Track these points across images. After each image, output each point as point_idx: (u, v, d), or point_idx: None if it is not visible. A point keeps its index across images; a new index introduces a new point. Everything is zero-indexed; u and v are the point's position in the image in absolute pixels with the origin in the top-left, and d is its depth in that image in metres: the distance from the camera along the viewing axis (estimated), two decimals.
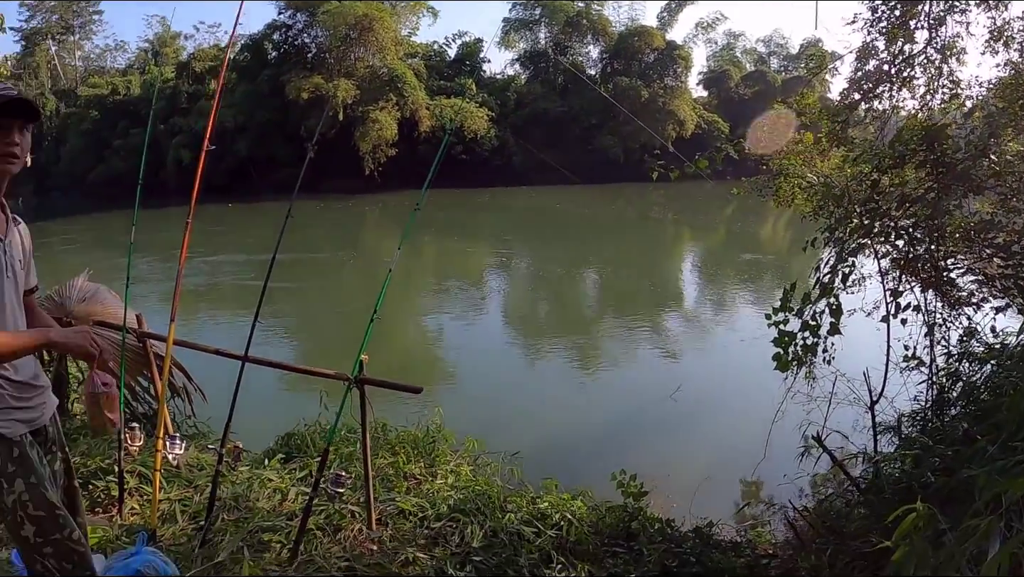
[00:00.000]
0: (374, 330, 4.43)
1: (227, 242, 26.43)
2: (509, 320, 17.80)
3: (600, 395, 11.48)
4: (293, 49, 55.36)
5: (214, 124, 5.40)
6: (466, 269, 23.94)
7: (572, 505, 5.37)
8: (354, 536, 4.85)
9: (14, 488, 2.82)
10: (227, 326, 15.53)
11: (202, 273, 21.12)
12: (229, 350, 5.28)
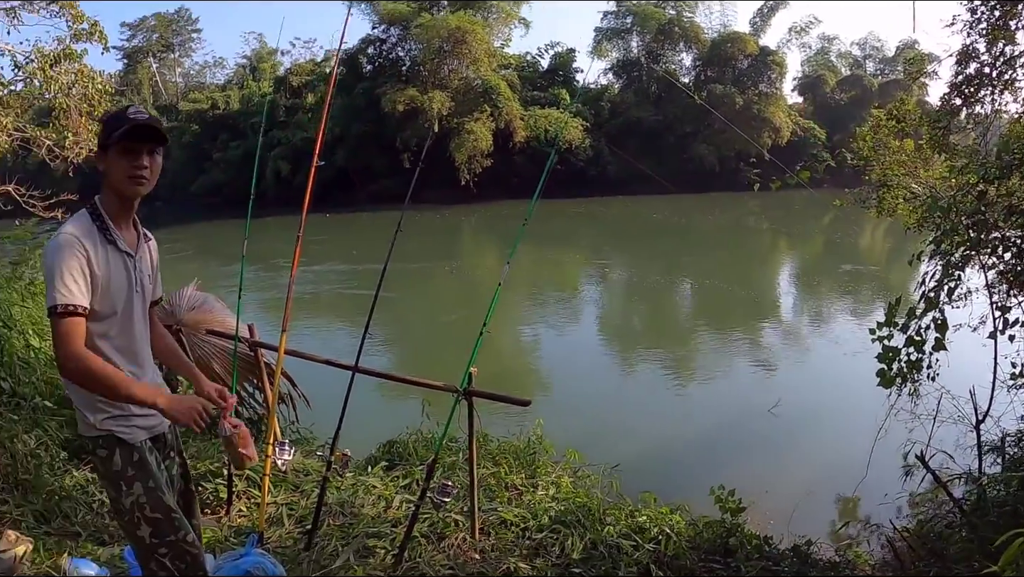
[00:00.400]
0: (468, 338, 4.50)
1: (326, 252, 26.88)
2: (604, 330, 17.75)
3: (697, 407, 11.37)
4: (388, 62, 56.00)
5: (322, 141, 5.58)
6: (562, 279, 23.94)
7: (670, 519, 5.34)
8: (458, 544, 4.94)
9: (133, 490, 2.98)
10: (327, 334, 15.82)
11: (303, 282, 21.28)
12: (340, 361, 5.43)
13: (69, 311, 2.71)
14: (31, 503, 5.06)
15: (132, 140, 2.91)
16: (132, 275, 3.01)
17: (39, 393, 6.26)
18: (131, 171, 2.93)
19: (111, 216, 2.97)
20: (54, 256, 2.76)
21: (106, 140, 2.92)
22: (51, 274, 2.74)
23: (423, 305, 19.81)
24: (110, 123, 2.94)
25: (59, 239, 2.79)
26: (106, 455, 2.97)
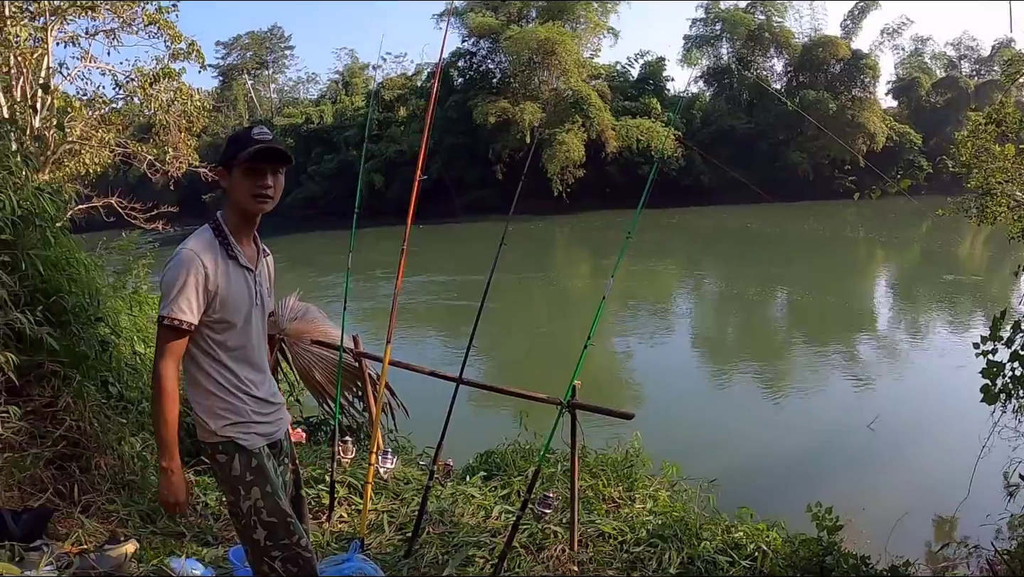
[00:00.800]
0: (569, 351, 4.44)
1: (420, 263, 27.11)
2: (698, 342, 17.51)
3: (793, 422, 11.13)
4: (478, 75, 56.56)
5: (424, 155, 5.57)
6: (655, 290, 23.72)
7: (767, 536, 5.21)
8: (556, 556, 4.88)
9: (251, 495, 3.02)
10: (422, 344, 15.98)
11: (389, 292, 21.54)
12: (444, 372, 5.42)
13: (175, 325, 2.82)
14: (137, 503, 5.15)
15: (257, 161, 2.96)
16: (252, 289, 3.09)
17: (145, 398, 6.38)
18: (256, 190, 3.00)
19: (233, 232, 3.04)
20: (175, 270, 2.84)
21: (231, 159, 2.97)
22: (169, 287, 2.83)
23: (518, 317, 19.83)
24: (235, 143, 2.99)
25: (181, 255, 2.87)
26: (225, 460, 3.03)
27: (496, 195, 48.63)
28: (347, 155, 59.10)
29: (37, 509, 4.34)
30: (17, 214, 5.18)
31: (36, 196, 5.59)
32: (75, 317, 5.56)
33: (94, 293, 6.07)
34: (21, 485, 4.66)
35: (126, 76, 16.97)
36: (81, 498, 4.90)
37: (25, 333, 4.89)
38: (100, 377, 5.83)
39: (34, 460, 4.80)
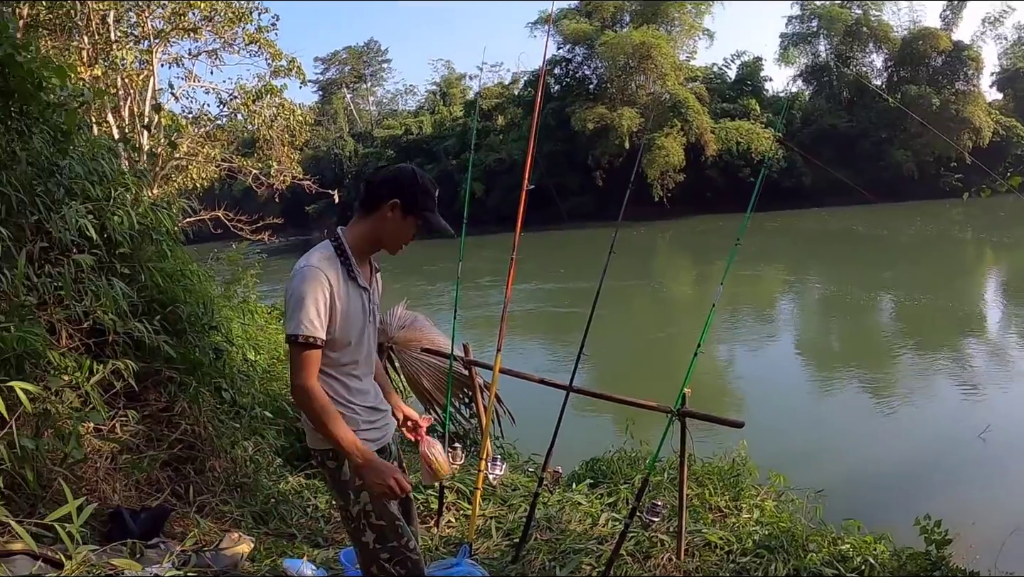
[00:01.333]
0: (675, 358, 4.43)
1: (524, 270, 27.11)
2: (802, 348, 17.12)
3: (900, 431, 10.74)
4: (575, 81, 56.48)
5: (531, 165, 5.63)
6: (758, 296, 23.30)
7: (874, 549, 5.07)
8: (663, 565, 4.84)
9: (360, 499, 3.07)
10: (527, 352, 16.01)
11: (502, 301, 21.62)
12: (554, 380, 5.46)
13: (309, 343, 2.84)
14: (250, 505, 5.32)
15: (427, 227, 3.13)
16: (367, 307, 3.13)
17: (257, 403, 6.59)
18: (407, 240, 3.17)
19: (355, 254, 3.06)
20: (302, 286, 2.86)
21: (414, 207, 3.08)
22: (296, 303, 2.85)
23: (623, 324, 19.65)
24: (425, 194, 3.12)
25: (306, 271, 2.89)
26: (335, 466, 3.08)
27: (595, 201, 48.56)
28: (447, 164, 59.71)
29: (155, 508, 4.52)
30: (135, 229, 5.42)
31: (152, 211, 5.84)
32: (190, 326, 5.78)
33: (208, 303, 6.29)
34: (139, 486, 4.86)
35: (229, 94, 17.58)
36: (196, 499, 5.09)
37: (144, 341, 5.11)
38: (214, 383, 6.03)
39: (151, 462, 5.01)
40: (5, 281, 3.98)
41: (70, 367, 4.39)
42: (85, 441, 4.55)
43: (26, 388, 3.36)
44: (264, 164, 18.08)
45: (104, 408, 4.52)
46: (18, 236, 4.30)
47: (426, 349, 6.80)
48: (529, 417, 7.91)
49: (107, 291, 4.74)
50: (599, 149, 51.14)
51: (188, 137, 16.28)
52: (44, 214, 4.48)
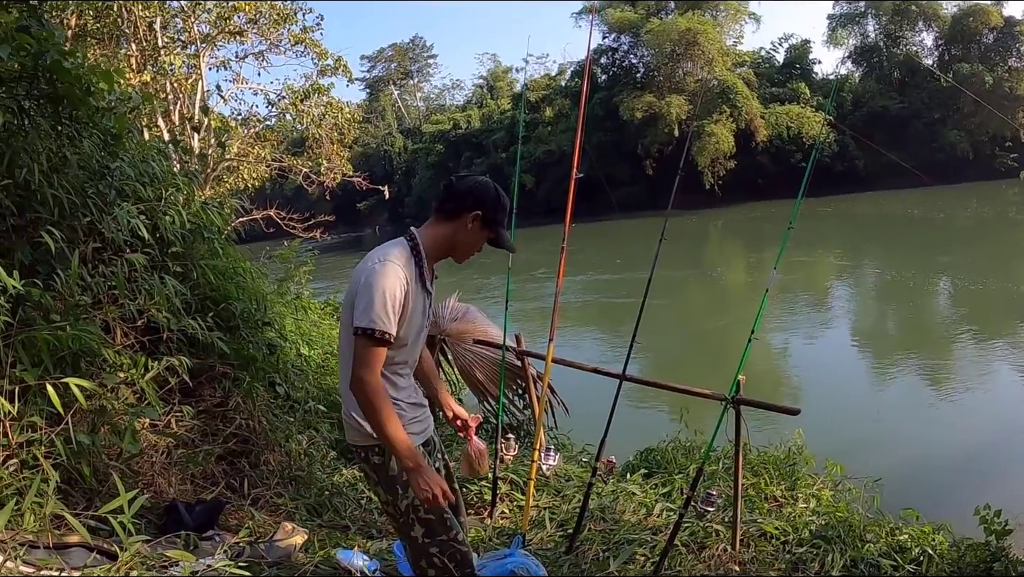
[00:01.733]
0: (727, 347, 4.38)
1: (576, 261, 26.91)
2: (857, 335, 16.79)
3: (959, 419, 10.47)
4: (621, 70, 56.18)
5: (580, 154, 5.61)
6: (810, 282, 22.93)
7: (933, 539, 4.97)
8: (718, 555, 4.80)
9: (407, 494, 3.06)
10: (579, 343, 15.97)
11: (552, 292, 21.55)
12: (607, 369, 5.43)
13: (382, 338, 2.84)
14: (304, 497, 5.37)
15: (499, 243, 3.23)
16: (426, 311, 3.17)
17: (311, 397, 6.66)
18: (477, 251, 3.26)
19: (428, 257, 3.08)
20: (380, 280, 2.88)
21: (492, 221, 3.16)
22: (372, 296, 2.85)
23: (674, 313, 19.50)
24: (504, 211, 3.22)
25: (388, 267, 2.91)
26: (381, 462, 3.09)
27: (646, 191, 48.29)
28: (496, 158, 59.85)
29: (210, 501, 4.58)
30: (187, 228, 5.50)
31: (203, 210, 5.92)
32: (243, 322, 5.85)
33: (260, 299, 6.36)
34: (195, 479, 4.93)
35: (277, 94, 17.80)
36: (251, 492, 5.14)
37: (197, 338, 5.18)
38: (268, 378, 6.11)
39: (206, 456, 5.07)
40: (59, 281, 4.05)
41: (125, 364, 4.46)
42: (141, 436, 4.62)
43: (81, 384, 3.42)
44: (314, 163, 18.26)
45: (159, 404, 4.59)
46: (71, 237, 4.37)
47: (478, 340, 6.79)
48: (583, 408, 7.87)
49: (160, 289, 4.81)
50: (648, 138, 50.82)
51: (238, 138, 16.51)
52: (96, 215, 4.55)
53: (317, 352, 8.35)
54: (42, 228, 3.98)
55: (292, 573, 3.49)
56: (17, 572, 2.68)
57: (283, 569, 3.59)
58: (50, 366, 3.75)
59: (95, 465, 3.93)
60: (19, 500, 3.08)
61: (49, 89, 4.30)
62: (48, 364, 3.75)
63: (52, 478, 3.21)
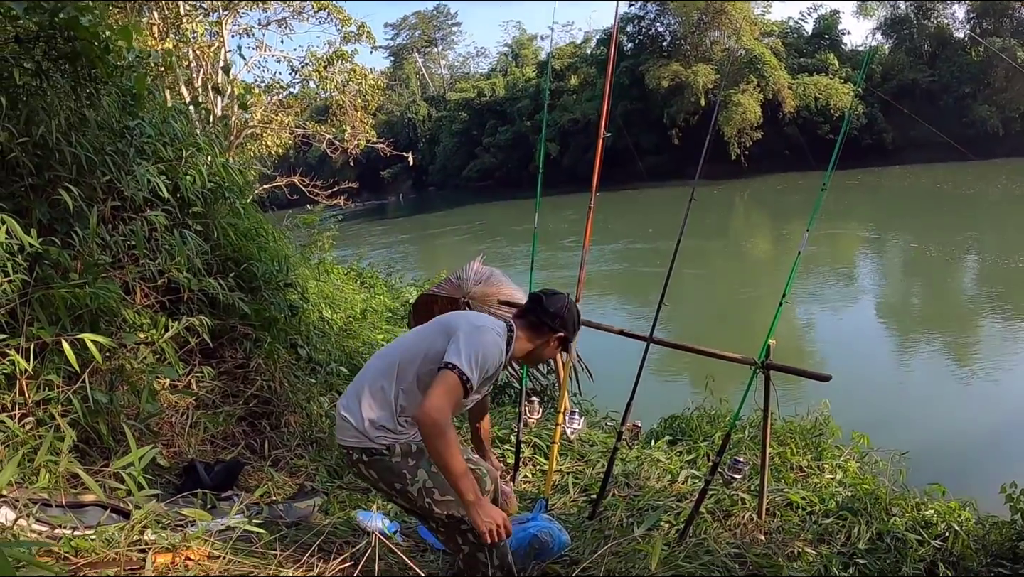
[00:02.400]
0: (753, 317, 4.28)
1: (601, 231, 26.79)
2: (883, 310, 16.58)
3: (986, 395, 10.37)
4: (647, 39, 55.55)
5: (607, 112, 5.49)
6: (836, 255, 22.67)
7: (959, 515, 4.91)
8: (743, 524, 4.75)
9: (417, 477, 3.04)
10: (604, 312, 15.87)
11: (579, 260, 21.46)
12: (633, 331, 5.35)
13: (465, 383, 2.90)
14: (324, 459, 5.34)
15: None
16: (485, 390, 3.31)
17: (333, 360, 6.63)
18: (543, 361, 3.75)
19: (513, 353, 3.31)
20: (490, 343, 3.08)
21: (568, 342, 3.45)
22: (477, 349, 2.99)
23: (702, 283, 19.37)
24: (577, 331, 3.52)
25: (499, 339, 3.15)
26: (383, 457, 3.06)
27: (672, 160, 47.98)
28: (521, 126, 59.68)
29: (229, 462, 4.54)
30: (208, 188, 5.44)
31: (224, 170, 5.86)
32: (265, 283, 5.81)
33: (283, 260, 6.32)
34: (214, 440, 4.90)
35: (301, 61, 17.71)
36: (271, 453, 5.12)
37: (218, 299, 5.14)
38: (289, 340, 6.08)
39: (227, 417, 5.04)
40: (77, 240, 4.00)
41: (145, 324, 4.43)
42: (161, 397, 4.60)
43: (97, 340, 3.38)
44: (338, 129, 18.20)
45: (179, 364, 4.56)
46: (90, 196, 4.32)
47: (503, 301, 6.72)
48: (607, 376, 7.82)
49: (181, 248, 4.76)
50: (674, 107, 50.43)
51: (261, 105, 16.45)
52: (115, 174, 4.49)
53: (340, 316, 8.32)
54: (60, 187, 3.93)
55: (311, 533, 3.45)
56: (30, 530, 2.64)
57: (301, 530, 3.54)
58: (67, 324, 3.70)
59: (113, 425, 3.89)
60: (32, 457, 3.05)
61: (67, 47, 4.23)
62: (66, 322, 3.71)
63: (68, 436, 3.17)
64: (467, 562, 3.17)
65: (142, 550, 2.59)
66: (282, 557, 2.79)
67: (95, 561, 2.48)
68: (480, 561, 3.13)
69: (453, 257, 21.50)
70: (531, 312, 3.38)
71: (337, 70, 17.65)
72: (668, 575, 3.75)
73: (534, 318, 3.35)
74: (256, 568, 2.65)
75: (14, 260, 3.47)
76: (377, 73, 20.01)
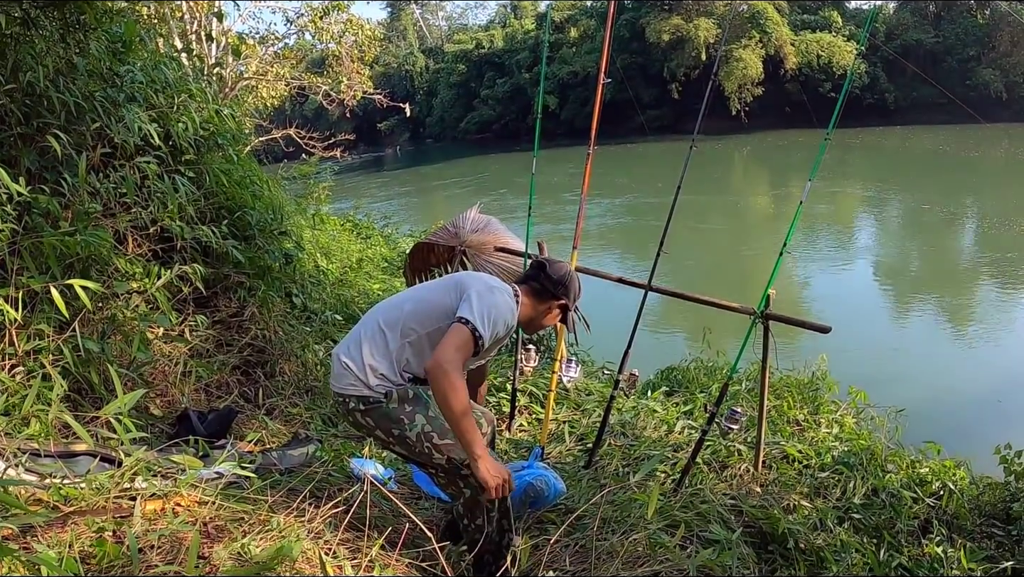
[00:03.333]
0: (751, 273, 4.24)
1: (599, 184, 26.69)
2: (881, 270, 16.54)
3: (981, 357, 10.48)
4: None
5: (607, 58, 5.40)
6: (835, 214, 22.58)
7: (953, 474, 4.97)
8: (740, 475, 4.76)
9: (415, 423, 3.00)
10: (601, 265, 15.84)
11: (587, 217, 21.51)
12: (631, 279, 5.33)
13: (477, 339, 2.88)
14: (319, 408, 5.33)
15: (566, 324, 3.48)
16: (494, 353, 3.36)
17: (328, 308, 6.61)
18: (542, 328, 3.55)
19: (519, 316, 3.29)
20: (503, 304, 3.06)
21: (568, 303, 3.42)
22: (491, 309, 2.97)
23: (698, 239, 19.30)
24: (573, 296, 3.43)
25: (511, 302, 3.14)
26: (383, 402, 3.02)
27: (672, 114, 47.89)
28: (519, 78, 59.36)
29: (222, 410, 4.52)
30: (200, 135, 5.37)
31: (217, 116, 5.78)
32: (259, 232, 5.75)
33: (277, 208, 6.27)
34: (208, 389, 4.88)
35: (296, 11, 17.50)
36: (265, 401, 5.11)
37: (212, 247, 5.10)
38: (284, 288, 6.07)
39: (221, 366, 5.02)
40: (67, 187, 3.95)
41: (137, 273, 4.39)
42: (154, 346, 4.57)
43: (87, 286, 3.32)
44: (334, 81, 18.04)
45: (172, 313, 4.52)
46: (79, 143, 4.25)
47: (500, 248, 6.67)
48: (604, 327, 7.79)
49: (173, 196, 4.70)
50: (674, 61, 50.14)
51: (256, 57, 16.29)
52: (105, 120, 4.42)
53: (335, 265, 8.29)
54: (49, 134, 3.86)
55: (303, 479, 3.44)
56: (19, 479, 2.62)
57: (294, 476, 3.53)
58: (57, 273, 3.64)
59: (105, 375, 3.86)
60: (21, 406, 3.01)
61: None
62: (56, 271, 3.65)
63: (58, 385, 3.13)
64: (468, 505, 3.16)
65: (132, 498, 2.57)
66: (273, 502, 2.77)
67: (84, 508, 2.46)
68: (481, 505, 3.12)
69: (451, 209, 21.28)
70: (534, 278, 3.36)
71: (333, 20, 17.45)
72: (664, 524, 3.73)
73: (537, 284, 3.34)
74: (246, 513, 2.63)
75: (3, 209, 3.40)
76: (374, 24, 19.82)
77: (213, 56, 13.93)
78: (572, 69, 53.72)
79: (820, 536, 4.19)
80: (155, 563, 2.19)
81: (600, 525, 3.62)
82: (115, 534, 2.28)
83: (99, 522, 2.31)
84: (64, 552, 2.08)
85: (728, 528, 3.95)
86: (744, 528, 4.05)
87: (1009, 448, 4.94)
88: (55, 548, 2.13)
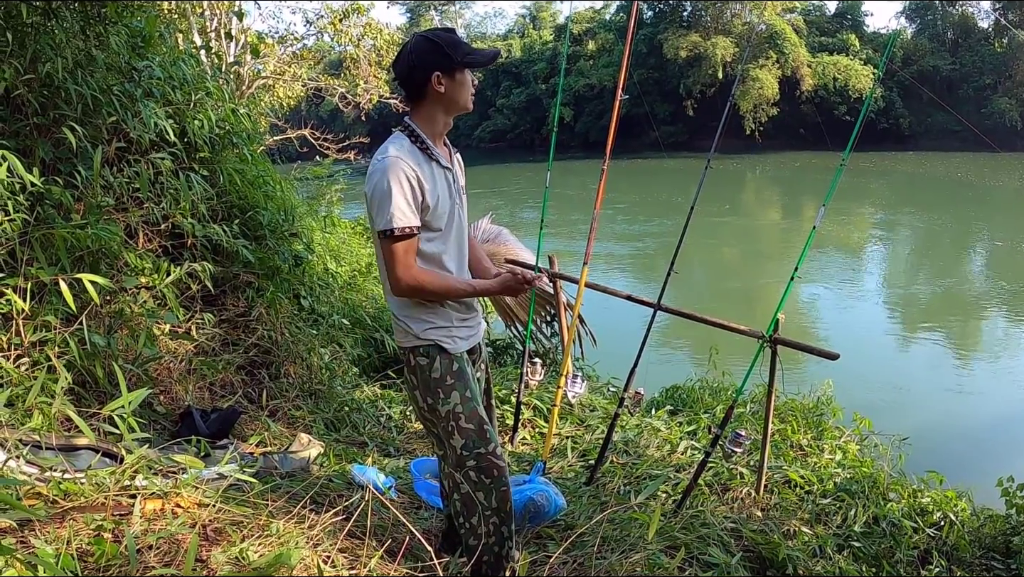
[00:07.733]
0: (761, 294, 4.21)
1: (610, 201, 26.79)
2: (890, 297, 16.51)
3: (987, 388, 10.43)
4: (668, 8, 55.25)
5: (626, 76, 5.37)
6: (845, 237, 22.49)
7: (955, 505, 4.90)
8: (741, 498, 4.72)
9: (450, 399, 2.98)
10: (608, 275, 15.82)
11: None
12: (641, 297, 5.30)
13: (405, 233, 2.78)
14: (323, 411, 5.33)
15: (479, 65, 3.13)
16: (452, 188, 3.05)
17: (336, 312, 6.60)
18: (472, 90, 3.12)
19: (430, 136, 2.99)
20: (383, 178, 2.79)
21: (453, 64, 2.96)
22: (382, 197, 2.78)
23: (708, 258, 19.29)
24: (456, 47, 2.99)
25: (386, 162, 2.81)
26: (427, 363, 3.00)
27: (686, 131, 47.96)
28: (536, 89, 59.49)
29: (225, 410, 4.51)
30: (215, 133, 5.37)
31: (233, 115, 5.78)
32: (270, 232, 5.73)
33: (289, 210, 6.26)
34: (213, 388, 4.87)
35: (316, 13, 17.55)
36: (269, 403, 5.10)
37: (222, 245, 5.09)
38: (293, 290, 6.04)
39: (226, 365, 5.01)
40: (80, 180, 3.94)
41: (147, 268, 4.38)
42: (160, 342, 4.56)
43: (96, 280, 3.32)
44: (351, 84, 18.07)
45: (180, 310, 4.52)
46: (95, 136, 4.26)
47: (510, 260, 6.67)
48: (611, 342, 7.79)
49: (186, 192, 4.69)
50: (691, 78, 50.29)
51: (274, 56, 16.33)
52: (121, 114, 4.42)
53: (345, 268, 8.28)
54: (65, 125, 3.86)
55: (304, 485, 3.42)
56: (20, 471, 2.60)
57: (296, 481, 3.52)
58: (67, 265, 3.64)
59: (110, 369, 3.85)
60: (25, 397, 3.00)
61: None
62: (66, 264, 3.65)
63: (62, 377, 3.12)
64: (464, 501, 3.12)
65: (132, 495, 2.56)
66: (273, 507, 2.76)
67: (83, 505, 2.45)
68: (477, 502, 3.08)
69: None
70: (402, 87, 3.06)
71: (352, 23, 17.48)
72: (664, 545, 3.71)
73: (408, 89, 3.01)
74: (246, 517, 2.62)
75: (15, 199, 3.40)
76: (393, 28, 19.84)
77: (232, 54, 13.96)
78: (588, 82, 53.85)
79: (819, 563, 4.15)
80: (153, 564, 2.17)
81: (600, 544, 3.60)
82: (114, 533, 2.27)
83: (98, 520, 2.30)
84: (62, 549, 2.06)
85: (728, 552, 3.91)
86: (744, 552, 4.01)
87: (1012, 480, 4.90)
88: (53, 544, 2.12)
